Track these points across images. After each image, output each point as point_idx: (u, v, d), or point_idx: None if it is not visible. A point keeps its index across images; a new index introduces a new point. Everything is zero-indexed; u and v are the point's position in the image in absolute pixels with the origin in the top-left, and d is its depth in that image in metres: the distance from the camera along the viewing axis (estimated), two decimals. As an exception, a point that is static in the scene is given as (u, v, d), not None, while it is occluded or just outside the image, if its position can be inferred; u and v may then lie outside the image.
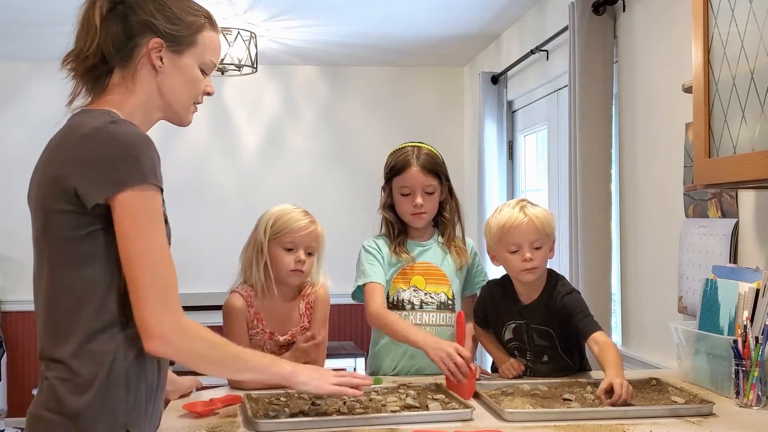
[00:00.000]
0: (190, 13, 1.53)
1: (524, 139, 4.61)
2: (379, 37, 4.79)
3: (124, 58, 1.49)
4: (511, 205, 2.24)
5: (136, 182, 1.34)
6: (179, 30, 1.51)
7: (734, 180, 1.84)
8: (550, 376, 2.19)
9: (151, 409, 1.45)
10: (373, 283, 2.32)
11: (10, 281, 5.29)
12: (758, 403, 1.85)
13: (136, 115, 1.48)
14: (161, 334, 1.35)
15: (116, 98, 1.49)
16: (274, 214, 2.25)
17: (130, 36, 1.48)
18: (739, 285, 1.98)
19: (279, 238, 2.20)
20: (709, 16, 1.92)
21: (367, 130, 5.59)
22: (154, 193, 1.37)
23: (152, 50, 1.48)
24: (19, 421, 4.98)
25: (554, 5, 3.75)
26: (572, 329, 2.16)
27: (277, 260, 2.21)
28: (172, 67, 1.51)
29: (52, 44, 4.87)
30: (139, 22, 1.48)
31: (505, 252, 2.19)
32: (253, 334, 2.19)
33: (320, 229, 2.25)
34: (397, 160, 2.36)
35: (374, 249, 2.38)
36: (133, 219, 1.34)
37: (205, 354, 1.43)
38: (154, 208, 1.37)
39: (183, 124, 1.59)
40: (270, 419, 1.69)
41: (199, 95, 1.56)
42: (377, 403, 1.82)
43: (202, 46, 1.54)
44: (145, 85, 1.50)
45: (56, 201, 1.37)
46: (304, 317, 2.23)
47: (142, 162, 1.35)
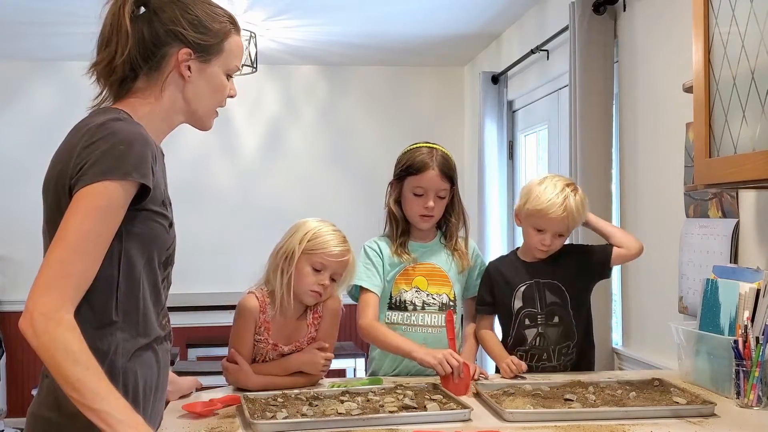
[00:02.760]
0: (215, 19, 1.53)
1: (524, 139, 4.60)
2: (379, 37, 4.78)
3: (152, 67, 1.48)
4: (557, 188, 2.28)
5: (117, 176, 1.31)
6: (207, 39, 1.50)
7: (735, 180, 1.84)
8: (557, 344, 2.28)
9: (150, 409, 1.44)
10: (368, 293, 2.32)
11: (10, 281, 5.29)
12: (759, 404, 1.85)
13: (155, 118, 1.48)
14: (31, 312, 1.27)
15: (136, 101, 1.49)
16: (314, 228, 2.17)
17: (157, 45, 1.48)
18: (740, 285, 1.98)
19: (311, 255, 2.14)
20: (710, 16, 1.92)
21: (366, 130, 5.58)
22: (122, 189, 1.32)
23: (181, 61, 1.48)
24: (19, 422, 4.98)
25: (554, 5, 3.74)
26: (593, 265, 2.37)
27: (301, 276, 2.14)
28: (199, 75, 1.51)
29: (52, 44, 4.91)
30: (166, 30, 1.48)
31: (530, 227, 2.31)
32: (258, 342, 2.17)
33: (352, 260, 2.20)
34: (415, 159, 2.33)
35: (375, 252, 2.37)
36: (85, 199, 1.30)
37: (56, 359, 1.25)
38: (105, 200, 1.31)
39: (204, 129, 1.59)
40: (267, 420, 1.69)
41: (223, 100, 1.58)
42: (375, 404, 1.82)
43: (228, 53, 1.54)
44: (171, 93, 1.50)
45: (59, 195, 1.37)
46: (311, 327, 2.20)
47: (127, 158, 1.33)
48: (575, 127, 3.16)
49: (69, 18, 4.24)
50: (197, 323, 4.86)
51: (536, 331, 2.30)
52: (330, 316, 2.21)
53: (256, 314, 2.15)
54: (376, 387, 2.00)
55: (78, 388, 1.24)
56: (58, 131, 5.36)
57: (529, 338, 2.31)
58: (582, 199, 2.31)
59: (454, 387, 2.01)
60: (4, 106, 5.28)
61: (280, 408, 1.79)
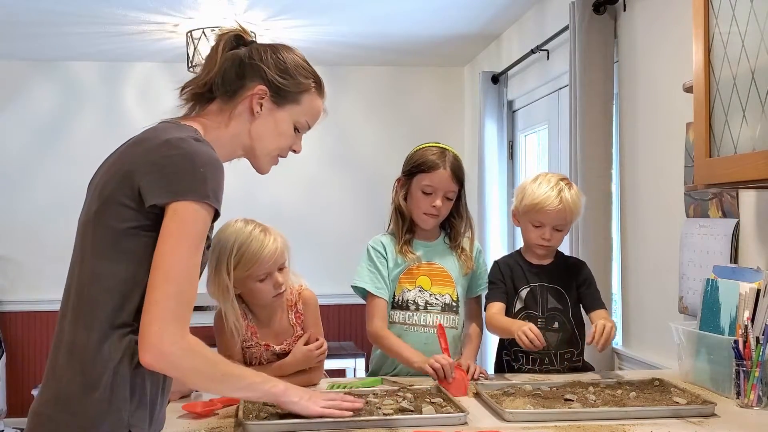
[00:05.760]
0: (302, 73, 1.60)
1: (524, 139, 4.60)
2: (379, 37, 4.78)
3: (228, 93, 1.56)
4: (550, 183, 2.29)
5: (196, 197, 1.37)
6: (287, 85, 1.58)
7: (735, 180, 1.83)
8: (558, 349, 2.28)
9: (156, 411, 1.45)
10: (375, 298, 2.33)
11: (9, 281, 5.29)
12: (759, 404, 1.85)
13: (219, 146, 1.52)
14: (160, 346, 1.34)
15: (208, 123, 1.55)
16: (233, 248, 2.00)
17: (240, 76, 1.56)
18: (740, 285, 1.98)
19: (250, 274, 2.02)
20: (710, 16, 1.92)
21: (366, 130, 5.58)
22: (207, 213, 1.40)
23: (255, 96, 1.55)
24: (19, 422, 4.98)
25: (555, 5, 3.74)
26: (581, 296, 2.33)
27: (254, 293, 2.07)
28: (269, 115, 1.58)
29: (52, 44, 4.91)
30: (253, 66, 1.56)
31: (528, 223, 2.32)
32: (249, 347, 2.16)
33: (282, 241, 2.09)
34: (427, 157, 2.32)
35: (378, 254, 2.37)
36: (179, 228, 1.36)
37: (200, 370, 1.43)
38: (202, 226, 1.39)
39: (261, 172, 1.66)
40: (260, 420, 1.69)
41: (285, 150, 1.64)
42: (372, 406, 1.81)
43: (303, 108, 1.61)
44: (238, 124, 1.56)
45: (118, 192, 1.39)
46: (296, 326, 2.20)
47: (208, 181, 1.38)
48: (575, 127, 3.16)
49: (69, 18, 4.24)
50: (197, 323, 4.84)
51: None
52: (309, 310, 2.21)
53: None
54: (378, 388, 2.00)
55: (227, 381, 1.47)
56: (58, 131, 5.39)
57: None
58: (577, 192, 2.32)
59: (449, 387, 2.01)
60: (4, 106, 5.28)
61: (277, 408, 1.79)
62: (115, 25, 4.36)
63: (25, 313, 5.29)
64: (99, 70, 5.27)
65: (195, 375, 1.43)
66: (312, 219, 5.41)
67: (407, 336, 2.32)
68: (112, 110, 5.31)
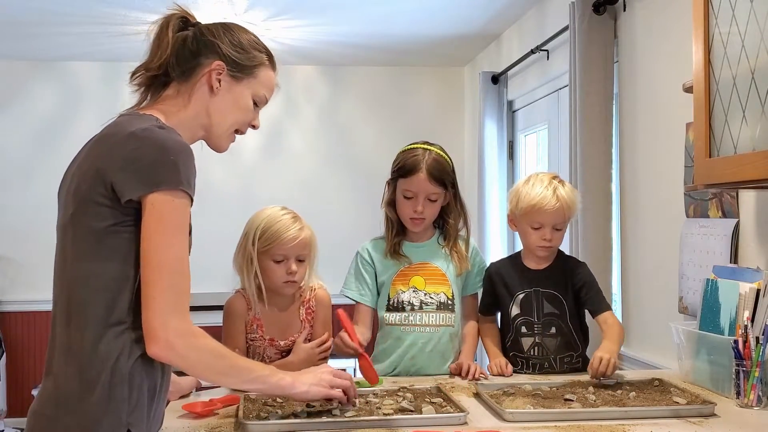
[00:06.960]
0: (254, 47, 1.62)
1: (524, 139, 4.60)
2: (379, 37, 4.78)
3: (185, 73, 1.56)
4: (544, 183, 2.28)
5: (170, 186, 1.37)
6: (243, 59, 1.59)
7: (735, 180, 1.83)
8: (557, 354, 2.27)
9: (153, 409, 1.45)
10: (360, 305, 2.37)
11: (9, 281, 5.29)
12: (759, 404, 1.85)
13: (181, 128, 1.51)
14: (166, 337, 1.35)
15: (166, 108, 1.54)
16: (262, 223, 2.17)
17: (195, 54, 1.56)
18: (740, 285, 1.98)
19: (269, 250, 2.14)
20: (710, 16, 1.92)
21: (367, 130, 5.58)
22: (185, 201, 1.40)
23: (213, 71, 1.55)
24: (19, 422, 4.98)
25: (554, 5, 3.74)
26: (583, 301, 2.29)
27: (268, 272, 2.16)
28: (227, 90, 1.57)
29: (52, 44, 4.91)
30: (207, 43, 1.57)
31: (527, 226, 2.29)
32: (253, 340, 2.17)
33: (309, 234, 2.19)
34: (406, 161, 2.31)
35: (364, 261, 2.38)
36: (160, 220, 1.37)
37: (208, 362, 1.44)
38: (182, 215, 1.39)
39: (219, 150, 1.64)
40: (260, 421, 1.69)
41: (243, 125, 1.63)
42: (372, 406, 1.81)
43: (260, 81, 1.62)
44: (198, 103, 1.55)
45: (93, 191, 1.39)
46: (305, 323, 2.21)
47: (180, 169, 1.39)
48: (575, 127, 3.16)
49: (69, 18, 4.24)
50: (197, 323, 4.85)
51: (533, 341, 2.29)
52: (321, 309, 2.25)
53: (243, 313, 2.17)
54: (378, 388, 2.00)
55: (234, 374, 1.48)
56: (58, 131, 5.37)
57: (527, 347, 2.30)
58: (571, 188, 2.32)
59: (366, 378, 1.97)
60: (4, 106, 5.28)
61: (277, 408, 1.79)
62: (115, 25, 4.36)
63: (25, 313, 5.29)
64: (99, 70, 5.26)
65: (202, 366, 1.44)
66: (311, 219, 5.35)
67: (406, 337, 2.32)
68: (112, 110, 5.23)
